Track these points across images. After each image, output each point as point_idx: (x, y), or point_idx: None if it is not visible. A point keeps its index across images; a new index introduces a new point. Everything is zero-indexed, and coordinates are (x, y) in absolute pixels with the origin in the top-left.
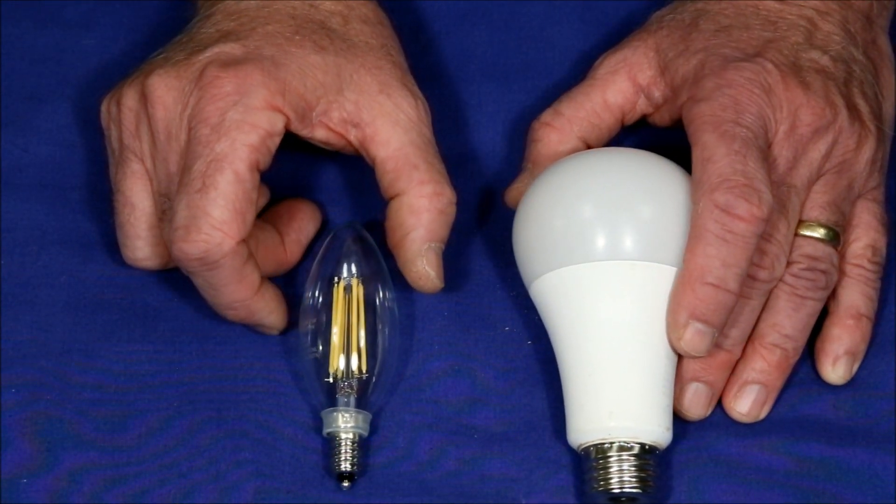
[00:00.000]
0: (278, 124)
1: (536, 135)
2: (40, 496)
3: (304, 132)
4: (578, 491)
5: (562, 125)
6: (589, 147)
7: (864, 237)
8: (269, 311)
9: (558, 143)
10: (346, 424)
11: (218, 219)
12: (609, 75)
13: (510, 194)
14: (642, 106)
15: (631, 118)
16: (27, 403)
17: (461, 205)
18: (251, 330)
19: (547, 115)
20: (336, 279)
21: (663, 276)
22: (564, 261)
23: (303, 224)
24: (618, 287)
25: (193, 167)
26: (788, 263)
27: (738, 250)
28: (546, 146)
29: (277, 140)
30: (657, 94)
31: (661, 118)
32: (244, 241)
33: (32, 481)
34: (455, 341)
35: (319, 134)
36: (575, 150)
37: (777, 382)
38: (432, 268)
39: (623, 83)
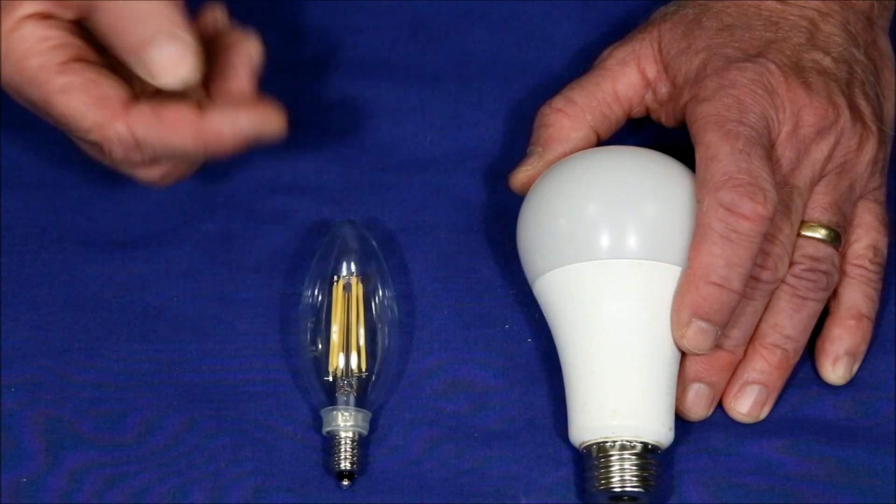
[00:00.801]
0: None
1: (547, 120)
2: (40, 495)
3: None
4: (579, 489)
5: (574, 112)
6: (599, 137)
7: (866, 238)
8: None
9: (570, 129)
10: (345, 423)
11: None
12: (619, 66)
13: (517, 177)
14: (648, 100)
15: (637, 112)
16: (27, 403)
17: (461, 204)
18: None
19: (559, 102)
20: (335, 278)
21: (668, 276)
22: (569, 259)
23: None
24: (622, 286)
25: None
26: (790, 264)
27: (742, 250)
28: (558, 131)
29: None
30: (663, 90)
31: (666, 116)
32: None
33: (32, 481)
34: (454, 339)
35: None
36: (586, 139)
37: (777, 383)
38: (169, 61)
39: (633, 76)
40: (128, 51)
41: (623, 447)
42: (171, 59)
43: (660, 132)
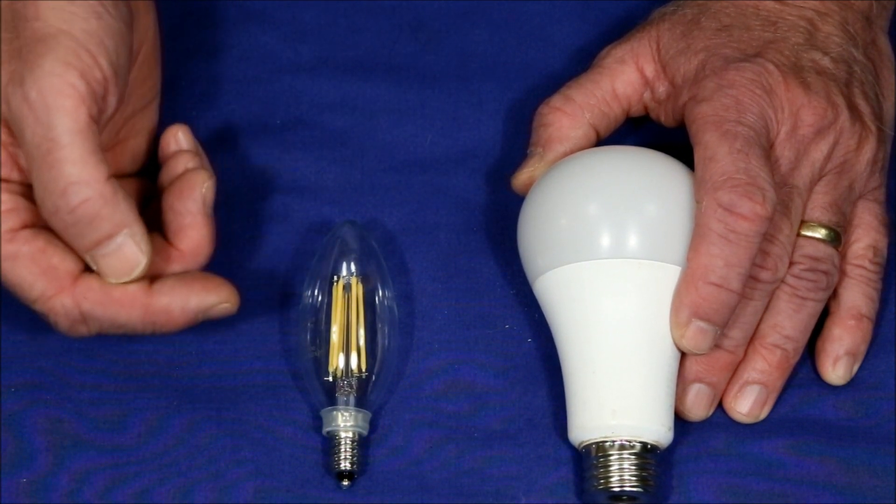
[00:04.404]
0: None
1: (546, 119)
2: (40, 496)
3: None
4: (578, 489)
5: (573, 111)
6: (598, 135)
7: (866, 238)
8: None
9: (570, 128)
10: (345, 423)
11: None
12: (617, 65)
13: (519, 178)
14: (646, 99)
15: (636, 111)
16: (27, 404)
17: (461, 204)
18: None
19: (557, 101)
20: (335, 278)
21: (668, 276)
22: (569, 258)
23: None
24: (622, 285)
25: None
26: (790, 264)
27: (741, 250)
28: (557, 130)
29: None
30: (661, 89)
31: (665, 115)
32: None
33: (32, 481)
34: (455, 339)
35: None
36: (586, 137)
37: (777, 383)
38: (120, 265)
39: (631, 74)
40: (79, 249)
41: (622, 447)
42: (121, 264)
43: (659, 132)
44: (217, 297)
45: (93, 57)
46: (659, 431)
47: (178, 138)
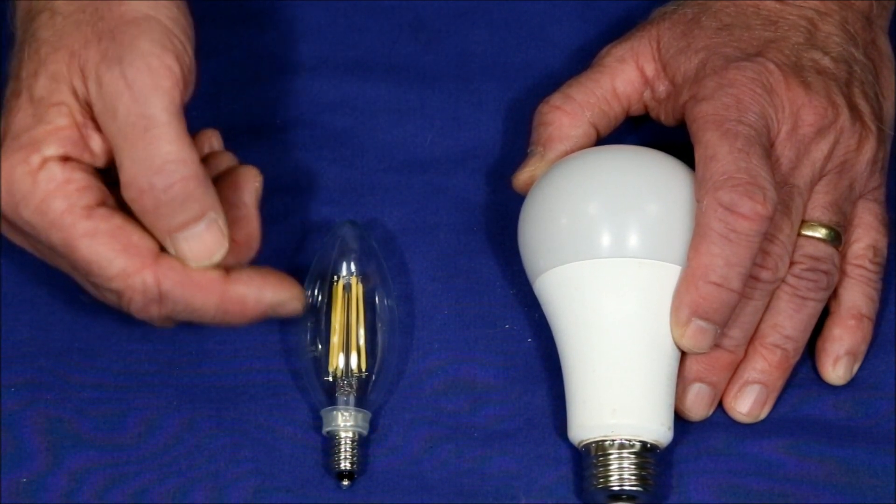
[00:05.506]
0: None
1: (546, 118)
2: (40, 496)
3: None
4: (578, 488)
5: (573, 109)
6: (598, 133)
7: (866, 237)
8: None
9: (570, 127)
10: (345, 423)
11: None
12: (617, 63)
13: (520, 178)
14: (647, 98)
15: (636, 110)
16: (27, 403)
17: (461, 204)
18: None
19: (557, 99)
20: (335, 278)
21: (669, 275)
22: (570, 257)
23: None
24: (623, 285)
25: None
26: (790, 264)
27: (741, 249)
28: (558, 129)
29: None
30: (661, 88)
31: (665, 114)
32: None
33: (32, 481)
34: (455, 339)
35: None
36: (586, 136)
37: (777, 382)
38: (202, 249)
39: (632, 73)
40: (162, 231)
41: (622, 446)
42: (204, 247)
43: (659, 131)
44: (289, 294)
45: (182, 43)
46: (659, 431)
47: (213, 143)
